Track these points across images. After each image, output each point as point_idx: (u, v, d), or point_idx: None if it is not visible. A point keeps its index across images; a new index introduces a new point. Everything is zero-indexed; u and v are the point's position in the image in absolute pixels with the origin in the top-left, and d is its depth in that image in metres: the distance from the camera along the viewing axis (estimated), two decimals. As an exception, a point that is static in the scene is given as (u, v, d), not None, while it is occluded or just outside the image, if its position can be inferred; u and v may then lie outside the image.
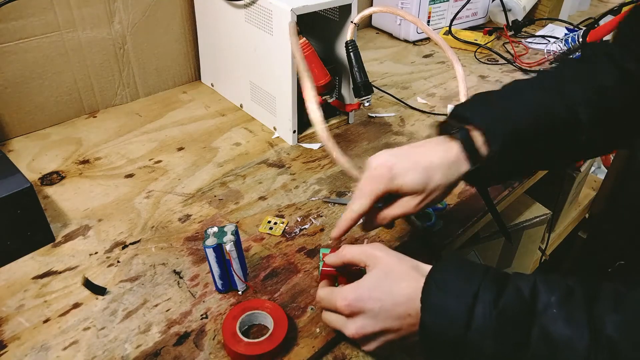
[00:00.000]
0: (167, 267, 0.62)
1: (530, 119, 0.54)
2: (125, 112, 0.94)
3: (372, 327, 0.47)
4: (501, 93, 0.58)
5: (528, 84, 0.59)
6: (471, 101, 0.58)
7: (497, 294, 0.42)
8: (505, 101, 0.56)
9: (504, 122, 0.53)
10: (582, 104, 0.55)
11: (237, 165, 0.81)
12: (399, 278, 0.48)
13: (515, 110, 0.54)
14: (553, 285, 0.42)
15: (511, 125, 0.53)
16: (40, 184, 0.75)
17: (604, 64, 0.58)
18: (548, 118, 0.55)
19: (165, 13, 0.95)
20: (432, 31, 0.75)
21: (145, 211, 0.71)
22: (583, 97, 0.56)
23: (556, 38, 1.28)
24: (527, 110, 0.54)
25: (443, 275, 0.46)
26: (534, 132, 0.54)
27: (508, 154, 0.53)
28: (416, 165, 0.53)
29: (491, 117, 0.54)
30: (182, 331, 0.54)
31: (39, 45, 0.82)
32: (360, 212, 0.55)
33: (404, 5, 1.26)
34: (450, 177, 0.54)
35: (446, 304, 0.43)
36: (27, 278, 0.60)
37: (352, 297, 0.48)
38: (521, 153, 0.55)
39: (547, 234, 1.32)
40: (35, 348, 0.52)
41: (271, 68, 0.82)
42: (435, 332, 0.44)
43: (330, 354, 0.55)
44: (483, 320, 0.42)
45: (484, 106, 0.56)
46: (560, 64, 0.63)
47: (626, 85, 0.57)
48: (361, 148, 0.87)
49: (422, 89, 1.08)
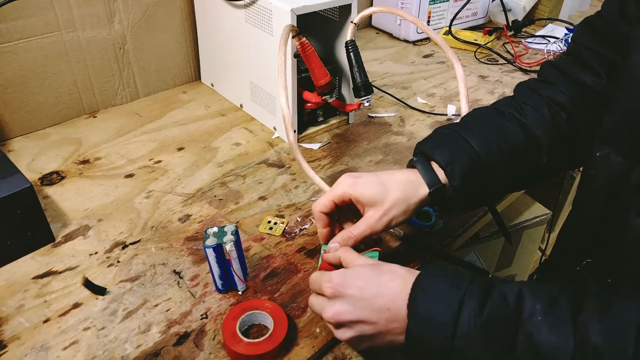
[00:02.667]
0: (167, 267, 0.62)
1: (490, 150, 0.56)
2: (125, 112, 0.94)
3: (349, 315, 0.47)
4: (461, 126, 0.60)
5: (487, 112, 0.61)
6: (432, 137, 0.60)
7: (482, 300, 0.43)
8: (466, 133, 0.57)
9: (464, 156, 0.56)
10: (539, 126, 0.58)
11: (237, 165, 0.81)
12: (385, 272, 0.49)
13: (475, 142, 0.56)
14: (538, 292, 0.43)
15: (469, 160, 0.55)
16: (40, 184, 0.75)
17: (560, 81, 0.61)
18: (508, 146, 0.57)
19: (165, 13, 0.95)
20: (432, 31, 0.75)
21: (145, 211, 0.71)
22: (541, 120, 0.58)
23: (556, 38, 1.28)
24: (486, 142, 0.56)
25: (429, 280, 0.46)
26: (494, 163, 0.56)
27: (470, 186, 0.56)
28: (377, 179, 0.57)
29: (450, 153, 0.56)
30: (182, 331, 0.54)
31: (39, 45, 0.82)
32: (319, 209, 0.58)
33: (404, 5, 1.26)
34: (408, 193, 0.55)
35: (432, 310, 0.44)
36: (27, 278, 0.60)
37: (336, 281, 0.49)
38: (483, 183, 0.57)
39: (547, 234, 1.32)
40: (35, 348, 0.52)
41: (271, 68, 0.82)
42: (421, 338, 0.44)
43: (330, 354, 0.55)
44: (468, 327, 0.42)
45: (443, 142, 0.58)
46: (518, 87, 0.65)
47: (583, 98, 0.59)
48: (361, 148, 0.87)
49: (422, 89, 1.08)
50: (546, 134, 0.58)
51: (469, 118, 0.62)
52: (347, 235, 0.56)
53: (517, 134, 0.58)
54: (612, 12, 0.55)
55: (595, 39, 0.58)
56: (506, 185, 0.60)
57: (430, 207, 0.69)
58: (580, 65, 0.60)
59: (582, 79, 0.59)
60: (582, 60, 0.60)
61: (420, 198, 0.56)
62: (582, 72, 0.59)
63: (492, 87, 1.09)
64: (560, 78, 0.61)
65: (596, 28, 0.59)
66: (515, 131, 0.58)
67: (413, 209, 0.56)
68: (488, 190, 0.59)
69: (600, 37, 0.58)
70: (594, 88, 0.58)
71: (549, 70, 0.63)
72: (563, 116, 0.59)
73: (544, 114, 0.59)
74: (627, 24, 0.53)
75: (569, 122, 0.59)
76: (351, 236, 0.56)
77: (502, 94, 1.06)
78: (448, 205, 0.58)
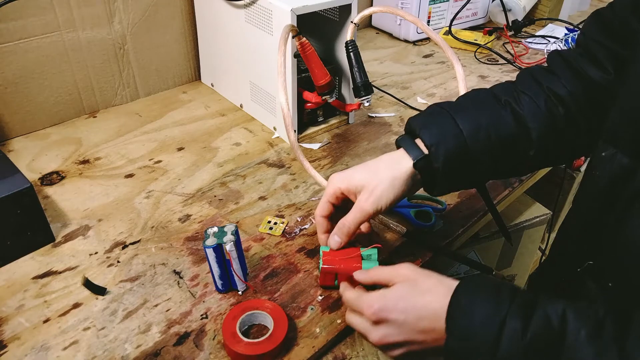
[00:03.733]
0: (167, 267, 0.62)
1: (478, 135, 0.56)
2: (125, 112, 0.94)
3: (395, 337, 0.47)
4: (454, 106, 0.59)
5: (485, 95, 0.60)
6: (423, 114, 0.60)
7: (525, 322, 0.41)
8: (457, 115, 0.57)
9: (450, 138, 0.55)
10: (533, 119, 0.57)
11: (237, 165, 0.81)
12: (425, 291, 0.48)
13: (464, 125, 0.56)
14: (582, 315, 0.41)
15: (455, 143, 0.55)
16: (40, 184, 0.75)
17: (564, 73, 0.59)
18: (497, 135, 0.56)
19: (165, 13, 0.95)
20: (432, 31, 0.75)
21: (145, 211, 0.71)
22: (536, 112, 0.57)
23: (556, 38, 1.28)
24: (475, 127, 0.56)
25: (469, 297, 0.45)
26: (480, 149, 0.56)
27: (453, 169, 0.56)
28: (363, 166, 0.58)
29: (438, 133, 0.56)
30: (182, 331, 0.54)
31: (39, 45, 0.82)
32: (319, 214, 0.59)
33: (404, 5, 1.26)
34: (393, 169, 0.56)
35: (472, 330, 0.43)
36: (27, 278, 0.60)
37: (377, 306, 0.48)
38: (466, 168, 0.57)
39: (547, 234, 1.32)
40: (35, 348, 0.52)
41: (271, 68, 0.82)
42: (461, 357, 0.44)
43: (330, 354, 0.55)
44: (509, 349, 0.41)
45: (433, 120, 0.57)
46: (521, 73, 0.63)
47: (588, 94, 0.57)
48: (361, 148, 0.87)
49: (422, 89, 1.08)
50: (538, 127, 0.57)
51: (464, 99, 0.61)
52: (340, 224, 0.57)
53: (508, 124, 0.57)
54: (625, 6, 0.53)
55: (604, 33, 0.56)
56: (490, 172, 0.60)
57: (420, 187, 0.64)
58: (588, 59, 0.58)
59: (588, 73, 0.57)
60: (590, 54, 0.57)
61: (406, 171, 0.56)
62: (589, 65, 0.57)
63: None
64: (565, 70, 0.59)
65: (606, 21, 0.56)
66: (507, 120, 0.57)
67: (400, 184, 0.56)
68: (471, 176, 0.59)
69: (609, 30, 0.56)
70: (600, 83, 0.56)
71: (555, 60, 0.61)
72: (560, 111, 0.57)
73: (540, 106, 0.57)
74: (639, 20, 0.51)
75: (566, 117, 0.58)
76: (345, 224, 0.56)
77: (502, 94, 1.06)
78: (431, 183, 0.58)
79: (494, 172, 0.60)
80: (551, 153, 0.59)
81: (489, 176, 0.62)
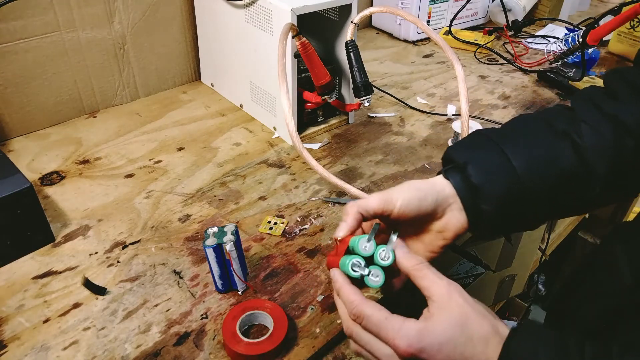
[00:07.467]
0: (167, 267, 0.62)
1: (533, 172, 0.48)
2: (125, 112, 0.94)
3: None
4: (502, 136, 0.51)
5: (537, 125, 0.52)
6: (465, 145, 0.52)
7: None
8: (507, 147, 0.49)
9: (501, 176, 0.48)
10: (598, 152, 0.49)
11: (237, 165, 0.81)
12: (477, 340, 0.40)
13: (517, 160, 0.48)
14: None
15: (507, 181, 0.48)
16: (40, 184, 0.75)
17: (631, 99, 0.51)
18: (556, 171, 0.49)
19: (165, 13, 0.95)
20: (432, 31, 0.75)
21: (145, 211, 0.71)
22: (601, 144, 0.49)
23: (556, 38, 1.28)
24: (529, 162, 0.49)
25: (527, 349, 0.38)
26: (536, 188, 0.49)
27: (504, 212, 0.49)
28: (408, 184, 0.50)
29: (488, 169, 0.48)
30: (182, 331, 0.54)
31: (39, 45, 0.82)
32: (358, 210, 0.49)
33: (404, 5, 1.26)
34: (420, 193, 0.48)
35: None
36: (27, 278, 0.60)
37: (417, 345, 0.39)
38: (519, 209, 0.50)
39: (547, 234, 1.32)
40: (35, 348, 0.52)
41: (271, 68, 0.82)
42: None
43: (330, 354, 0.55)
44: None
45: (478, 155, 0.50)
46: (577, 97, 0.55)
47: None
48: (361, 148, 0.87)
49: (422, 89, 1.08)
50: (605, 161, 0.49)
51: (512, 127, 0.53)
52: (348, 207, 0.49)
53: (568, 158, 0.49)
54: None
55: None
56: (546, 214, 0.52)
57: None
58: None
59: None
60: None
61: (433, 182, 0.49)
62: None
63: (492, 87, 1.09)
64: (630, 94, 0.51)
65: None
66: (567, 153, 0.49)
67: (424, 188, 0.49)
68: (523, 218, 0.51)
69: None
70: None
71: (618, 83, 0.52)
72: (629, 143, 0.49)
73: (605, 138, 0.49)
74: None
75: (636, 150, 0.49)
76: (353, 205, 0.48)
77: (502, 93, 1.06)
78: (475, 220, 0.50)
79: (550, 213, 0.53)
80: (620, 189, 0.52)
81: (545, 217, 0.55)
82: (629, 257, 0.49)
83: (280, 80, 0.68)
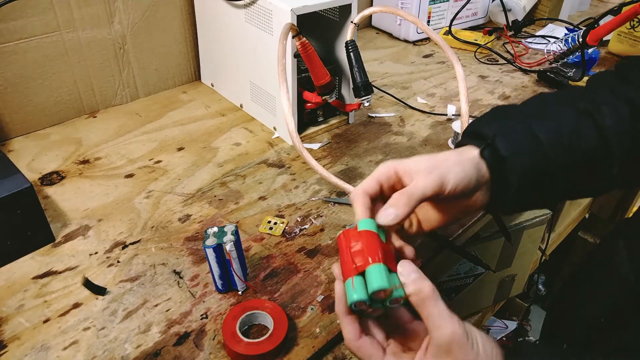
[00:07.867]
0: (167, 267, 0.62)
1: (559, 147, 0.47)
2: (125, 112, 0.94)
3: None
4: (529, 109, 0.51)
5: (560, 102, 0.52)
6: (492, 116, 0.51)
7: None
8: (533, 120, 0.49)
9: (528, 149, 0.47)
10: (617, 132, 0.48)
11: (237, 165, 0.81)
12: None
13: (544, 135, 0.47)
14: None
15: (535, 155, 0.47)
16: (40, 184, 0.75)
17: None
18: (581, 148, 0.48)
19: (165, 13, 0.95)
20: (432, 31, 0.75)
21: (145, 211, 0.71)
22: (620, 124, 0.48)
23: (556, 38, 1.28)
24: (557, 137, 0.48)
25: None
26: (562, 163, 0.48)
27: (525, 186, 0.48)
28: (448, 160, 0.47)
29: (515, 142, 0.47)
30: (182, 331, 0.54)
31: (39, 45, 0.82)
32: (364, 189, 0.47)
33: (404, 5, 1.26)
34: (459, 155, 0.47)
35: None
36: (27, 278, 0.60)
37: None
38: (541, 185, 0.49)
39: (547, 234, 1.32)
40: (35, 348, 0.52)
41: (271, 68, 0.82)
42: None
43: (330, 354, 0.55)
44: None
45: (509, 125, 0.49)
46: (591, 81, 0.55)
47: None
48: (361, 148, 0.87)
49: (422, 89, 1.08)
50: (624, 142, 0.48)
51: (534, 103, 0.52)
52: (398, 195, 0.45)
53: (592, 136, 0.48)
54: None
55: None
56: (565, 192, 0.51)
57: None
58: None
59: None
60: None
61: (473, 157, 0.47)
62: None
63: (492, 87, 1.09)
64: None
65: None
66: (590, 132, 0.48)
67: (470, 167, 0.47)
68: (544, 195, 0.50)
69: None
70: None
71: (630, 68, 0.53)
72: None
73: (624, 118, 0.48)
74: None
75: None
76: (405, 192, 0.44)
77: (502, 94, 1.06)
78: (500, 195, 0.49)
79: (569, 192, 0.53)
80: (635, 173, 0.52)
81: (563, 196, 0.54)
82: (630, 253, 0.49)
83: (280, 80, 0.68)
